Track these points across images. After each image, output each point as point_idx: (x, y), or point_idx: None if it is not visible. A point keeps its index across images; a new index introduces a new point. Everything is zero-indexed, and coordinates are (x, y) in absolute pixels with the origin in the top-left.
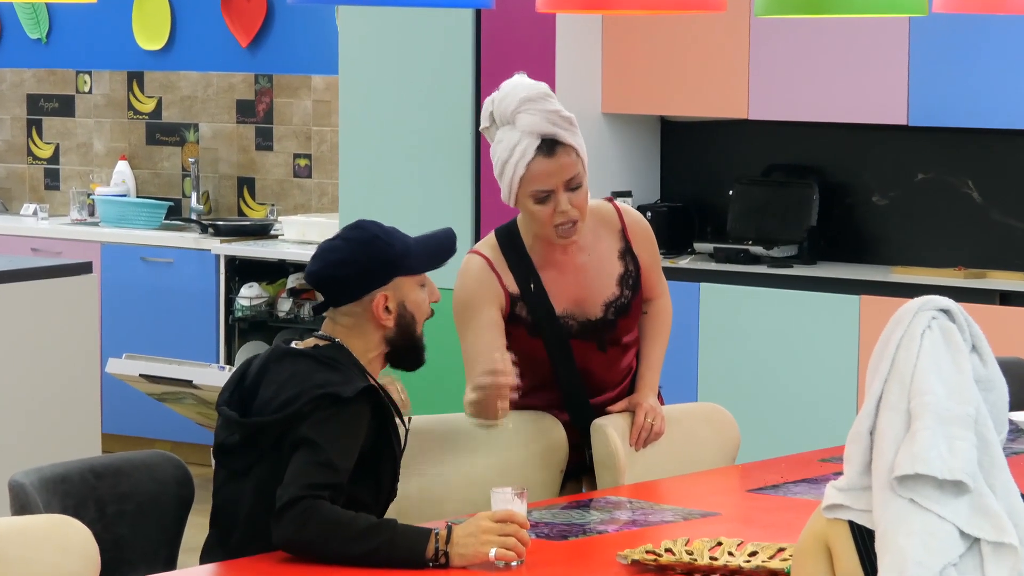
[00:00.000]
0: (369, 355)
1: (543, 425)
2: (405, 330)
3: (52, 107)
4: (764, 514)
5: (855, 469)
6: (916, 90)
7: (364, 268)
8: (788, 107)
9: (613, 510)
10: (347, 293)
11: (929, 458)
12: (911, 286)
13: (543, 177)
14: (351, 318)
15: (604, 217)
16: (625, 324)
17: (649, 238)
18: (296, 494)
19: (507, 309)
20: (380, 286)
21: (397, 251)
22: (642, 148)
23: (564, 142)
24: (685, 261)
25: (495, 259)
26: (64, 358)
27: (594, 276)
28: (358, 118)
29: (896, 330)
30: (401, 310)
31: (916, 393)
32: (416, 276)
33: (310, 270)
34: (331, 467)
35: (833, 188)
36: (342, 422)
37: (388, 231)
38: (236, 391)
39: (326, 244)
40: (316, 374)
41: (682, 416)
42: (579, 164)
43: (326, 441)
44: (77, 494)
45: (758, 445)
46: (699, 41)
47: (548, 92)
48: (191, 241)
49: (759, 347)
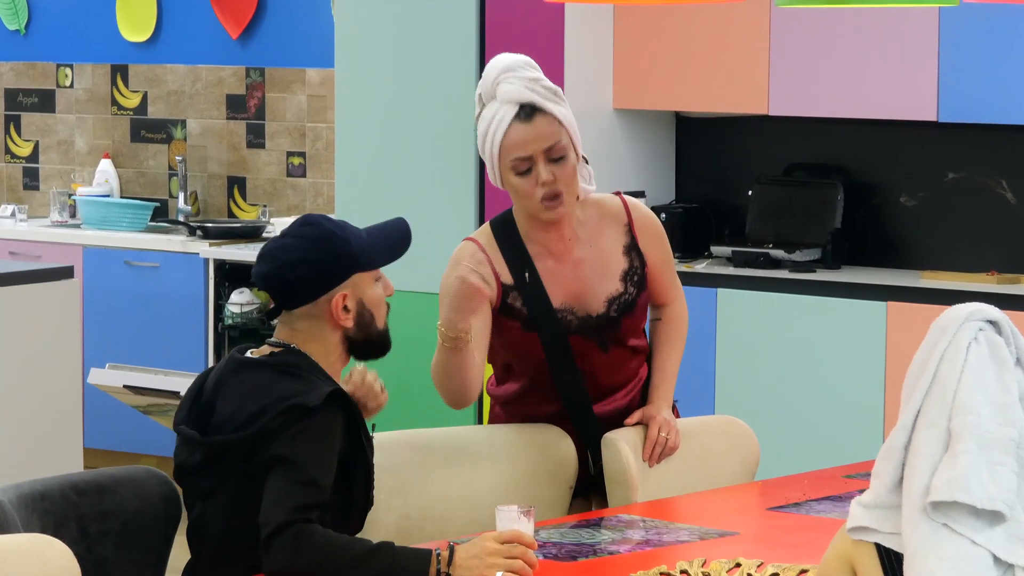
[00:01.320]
0: (330, 357)
1: (550, 438)
2: (364, 328)
3: (31, 102)
4: (785, 533)
5: (884, 485)
6: (946, 84)
7: (322, 267)
8: (811, 102)
9: (625, 529)
10: (303, 294)
11: (969, 485)
12: (941, 292)
13: (520, 144)
14: (307, 320)
15: (609, 210)
16: (630, 323)
17: (658, 235)
18: (284, 519)
19: (498, 300)
20: (338, 284)
21: (354, 247)
22: (656, 146)
23: (543, 109)
24: (701, 265)
25: (488, 246)
26: (44, 368)
27: (595, 270)
28: (355, 114)
29: (940, 340)
30: (360, 308)
31: (958, 412)
32: (372, 271)
33: (261, 272)
34: (314, 485)
35: (858, 188)
36: (315, 434)
37: (342, 226)
38: (194, 407)
39: (276, 243)
40: (278, 384)
41: (698, 430)
42: (562, 134)
43: (303, 457)
44: (58, 512)
45: (779, 460)
46: (716, 32)
47: (529, 62)
48: (178, 244)
49: (780, 356)
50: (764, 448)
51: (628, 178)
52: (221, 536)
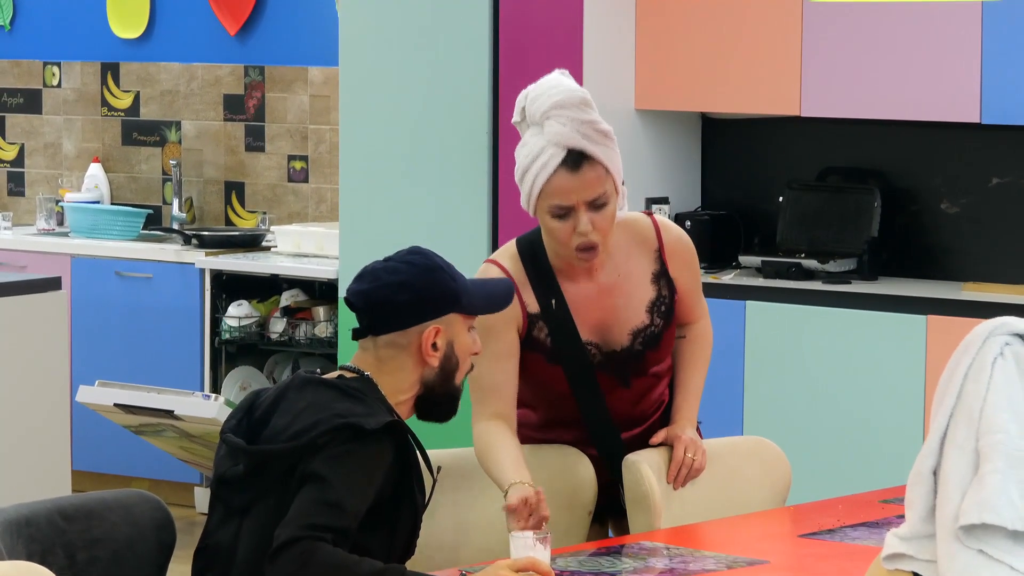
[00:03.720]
0: (400, 396)
1: (568, 461)
2: (446, 376)
3: (16, 103)
4: (818, 562)
5: (918, 515)
6: (990, 83)
7: (423, 295)
8: (846, 102)
9: (648, 557)
10: (398, 319)
11: (998, 506)
12: (984, 305)
13: (563, 193)
14: (392, 349)
15: (639, 233)
16: (654, 356)
17: (689, 259)
18: (295, 534)
19: (524, 331)
20: (434, 318)
21: (459, 285)
22: (681, 149)
23: (592, 156)
24: (729, 276)
25: (515, 272)
26: (29, 386)
27: (622, 300)
28: (360, 115)
29: (964, 357)
30: (449, 351)
31: (985, 431)
32: (469, 318)
33: (358, 289)
34: (339, 508)
35: (896, 194)
36: (359, 458)
37: (449, 264)
38: (244, 419)
39: (380, 264)
40: (337, 403)
41: (726, 451)
42: (607, 183)
43: (338, 478)
44: (44, 539)
45: (811, 484)
46: (745, 27)
47: (586, 100)
48: (172, 254)
49: (812, 373)
50: (796, 471)
51: (651, 184)
52: (251, 557)
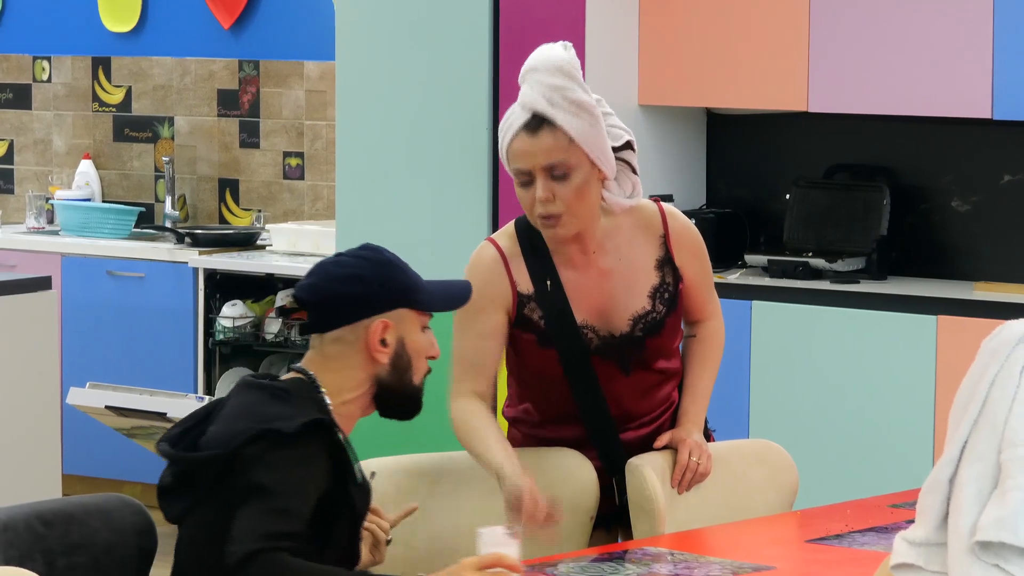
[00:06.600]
0: (347, 395)
1: (569, 463)
2: (399, 375)
3: (5, 98)
4: (826, 568)
5: (931, 523)
6: (1001, 78)
7: (370, 288)
8: (854, 98)
9: (651, 563)
10: (342, 314)
11: (1017, 526)
12: (996, 305)
13: (520, 156)
14: (339, 346)
15: (644, 219)
16: (655, 345)
17: (697, 249)
18: (252, 547)
19: (514, 311)
20: (383, 312)
21: (411, 280)
22: (685, 145)
23: (553, 122)
24: (735, 276)
25: (510, 251)
26: (19, 388)
27: (622, 284)
28: (358, 111)
29: (991, 364)
30: (399, 348)
31: (1009, 443)
32: (422, 315)
33: (304, 284)
34: (287, 513)
35: (906, 192)
36: (292, 461)
37: (402, 261)
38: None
39: (329, 259)
40: (266, 407)
41: (731, 454)
42: (569, 152)
43: (277, 484)
44: (22, 544)
45: (819, 488)
46: (751, 21)
47: (562, 68)
48: (165, 253)
49: (820, 375)
50: (803, 475)
51: (655, 181)
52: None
